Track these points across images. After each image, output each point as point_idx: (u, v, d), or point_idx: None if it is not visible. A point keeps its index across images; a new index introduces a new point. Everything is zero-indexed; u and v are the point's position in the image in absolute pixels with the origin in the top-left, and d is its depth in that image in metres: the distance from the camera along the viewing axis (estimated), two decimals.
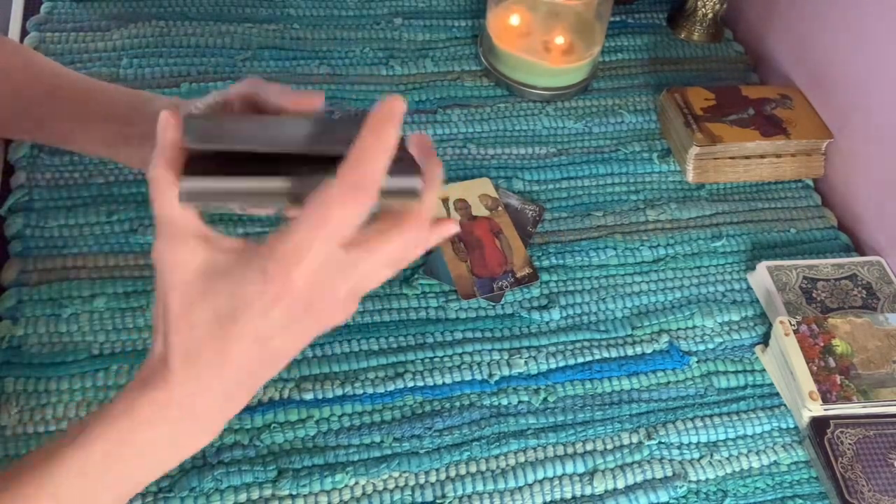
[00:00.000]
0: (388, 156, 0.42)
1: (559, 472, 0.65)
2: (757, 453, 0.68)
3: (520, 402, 0.68)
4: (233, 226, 0.76)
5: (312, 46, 0.93)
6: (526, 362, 0.71)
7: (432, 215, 0.46)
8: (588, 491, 0.64)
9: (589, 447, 0.66)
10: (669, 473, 0.66)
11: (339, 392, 0.67)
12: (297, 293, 0.43)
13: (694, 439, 0.68)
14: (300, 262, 0.42)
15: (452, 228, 0.48)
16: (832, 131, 0.88)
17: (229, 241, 0.45)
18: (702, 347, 0.74)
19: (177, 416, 0.45)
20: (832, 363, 0.69)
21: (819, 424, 0.67)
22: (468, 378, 0.69)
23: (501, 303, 0.74)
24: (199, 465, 0.61)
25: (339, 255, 0.43)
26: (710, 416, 0.69)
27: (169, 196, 0.43)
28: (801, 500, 0.65)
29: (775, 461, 0.67)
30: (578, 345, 0.73)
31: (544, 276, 0.77)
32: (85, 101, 0.65)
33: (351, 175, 0.41)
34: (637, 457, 0.66)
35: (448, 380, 0.69)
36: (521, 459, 0.65)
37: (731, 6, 1.03)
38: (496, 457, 0.65)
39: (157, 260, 0.45)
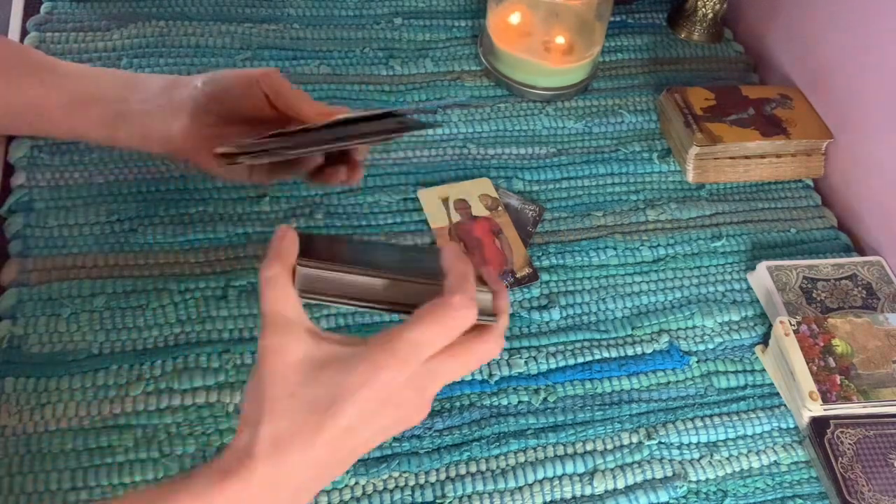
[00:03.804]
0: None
1: (559, 472, 0.65)
2: (757, 453, 0.68)
3: (520, 402, 0.68)
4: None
5: (312, 46, 0.93)
6: (526, 362, 0.71)
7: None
8: (588, 491, 0.64)
9: (589, 447, 0.66)
10: (669, 473, 0.66)
11: None
12: (395, 388, 0.46)
13: (694, 439, 0.68)
14: (409, 359, 0.46)
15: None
16: (832, 131, 0.88)
17: (334, 335, 0.48)
18: (702, 347, 0.74)
19: None
20: (832, 363, 0.69)
21: (819, 424, 0.67)
22: (468, 378, 0.69)
23: None
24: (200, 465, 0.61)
25: (434, 360, 0.48)
26: (710, 416, 0.69)
27: (284, 294, 0.47)
28: (801, 500, 0.65)
29: (775, 461, 0.67)
30: (578, 345, 0.73)
31: (544, 276, 0.77)
32: (78, 83, 0.66)
33: (460, 288, 0.48)
34: (637, 457, 0.66)
35: None
36: (521, 459, 0.65)
37: (731, 6, 1.03)
38: (496, 457, 0.65)
39: (263, 351, 0.46)
